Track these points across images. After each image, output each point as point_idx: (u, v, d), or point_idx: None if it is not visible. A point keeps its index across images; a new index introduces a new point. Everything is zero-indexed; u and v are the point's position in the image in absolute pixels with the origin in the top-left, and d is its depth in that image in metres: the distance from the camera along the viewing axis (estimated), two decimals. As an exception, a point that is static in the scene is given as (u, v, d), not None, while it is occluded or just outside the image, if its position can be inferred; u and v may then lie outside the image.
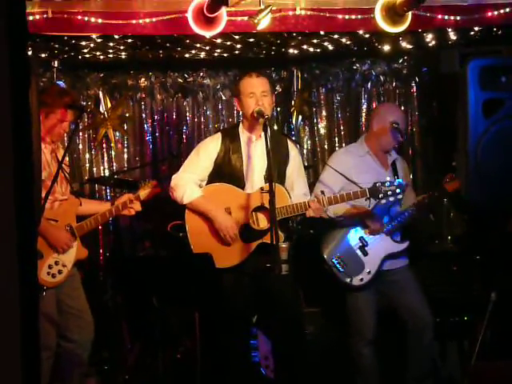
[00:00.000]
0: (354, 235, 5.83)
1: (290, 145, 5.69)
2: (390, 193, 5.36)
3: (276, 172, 5.32)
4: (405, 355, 5.90)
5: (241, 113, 5.63)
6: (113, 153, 8.03)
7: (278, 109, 8.26)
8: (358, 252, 5.80)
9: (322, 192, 5.39)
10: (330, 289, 6.12)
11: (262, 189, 5.24)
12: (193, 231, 5.43)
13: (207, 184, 5.54)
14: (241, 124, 5.60)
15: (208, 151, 5.51)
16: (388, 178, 5.57)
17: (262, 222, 5.40)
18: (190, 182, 5.45)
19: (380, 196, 5.36)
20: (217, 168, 5.48)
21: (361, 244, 5.81)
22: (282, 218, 5.25)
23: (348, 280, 5.75)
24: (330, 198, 5.34)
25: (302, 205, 5.31)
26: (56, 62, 7.28)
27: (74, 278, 5.54)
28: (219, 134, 5.62)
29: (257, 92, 5.37)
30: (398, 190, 5.37)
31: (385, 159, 5.96)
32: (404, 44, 7.15)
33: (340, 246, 5.82)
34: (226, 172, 5.46)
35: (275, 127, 8.05)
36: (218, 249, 5.35)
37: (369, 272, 5.76)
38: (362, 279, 5.75)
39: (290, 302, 5.53)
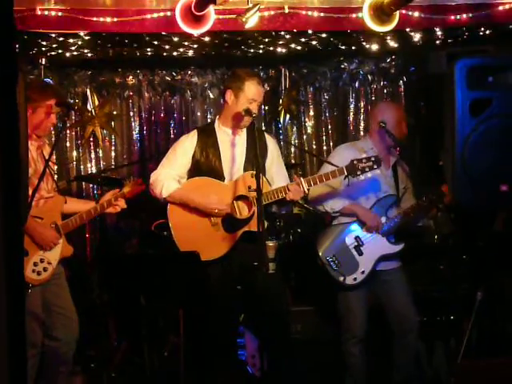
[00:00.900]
0: (350, 234, 5.83)
1: (268, 138, 5.73)
2: (367, 169, 5.37)
3: (255, 166, 5.31)
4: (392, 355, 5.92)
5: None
6: (100, 151, 8.02)
7: (266, 107, 8.28)
8: (353, 251, 5.79)
9: (301, 174, 5.41)
10: (319, 287, 6.13)
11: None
12: (176, 227, 5.48)
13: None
14: (217, 120, 5.66)
15: (184, 148, 5.59)
16: (364, 155, 5.59)
17: (244, 210, 5.43)
18: (167, 176, 5.52)
19: (358, 173, 5.37)
20: (195, 164, 5.54)
21: (356, 243, 5.80)
22: (264, 205, 5.26)
23: (341, 279, 5.73)
24: (309, 180, 5.36)
25: (282, 189, 5.35)
26: (44, 60, 7.25)
27: (60, 275, 5.53)
28: (195, 131, 5.70)
29: (258, 100, 5.47)
30: (375, 166, 5.38)
31: (387, 159, 5.95)
32: (392, 43, 7.16)
33: (335, 244, 5.81)
34: (204, 168, 5.52)
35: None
36: (203, 242, 5.38)
37: (363, 272, 5.75)
38: (355, 278, 5.74)
39: (276, 301, 5.53)
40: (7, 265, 2.18)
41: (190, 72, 8.10)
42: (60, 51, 6.93)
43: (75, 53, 7.00)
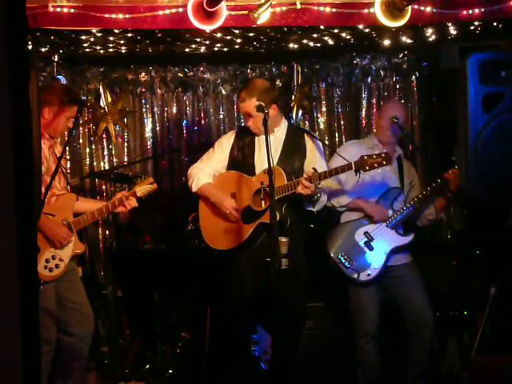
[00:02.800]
0: (359, 230, 5.86)
1: (307, 139, 5.85)
2: (376, 165, 5.39)
3: (290, 166, 5.63)
4: (406, 351, 5.92)
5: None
6: (113, 147, 8.02)
7: (279, 103, 8.25)
8: (364, 247, 5.83)
9: (314, 169, 5.44)
10: (332, 283, 6.14)
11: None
12: (202, 216, 5.81)
13: None
14: None
15: (221, 145, 5.86)
16: (377, 151, 5.63)
17: (263, 203, 5.56)
18: (200, 171, 5.79)
19: (366, 168, 5.39)
20: (231, 161, 5.79)
21: (366, 239, 5.84)
22: (277, 198, 5.37)
23: (355, 276, 5.77)
24: (319, 174, 5.42)
25: (293, 183, 5.46)
26: (56, 57, 7.27)
27: (73, 272, 5.56)
28: (235, 130, 6.03)
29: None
30: (384, 162, 5.40)
31: (392, 153, 5.98)
32: (404, 38, 7.13)
33: (345, 242, 5.85)
34: (239, 164, 5.74)
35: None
36: (221, 231, 5.67)
37: (375, 267, 5.78)
38: (369, 274, 5.78)
39: (289, 297, 5.55)
40: (21, 262, 2.19)
41: (202, 68, 8.08)
42: (72, 48, 6.93)
43: (87, 50, 7.00)
